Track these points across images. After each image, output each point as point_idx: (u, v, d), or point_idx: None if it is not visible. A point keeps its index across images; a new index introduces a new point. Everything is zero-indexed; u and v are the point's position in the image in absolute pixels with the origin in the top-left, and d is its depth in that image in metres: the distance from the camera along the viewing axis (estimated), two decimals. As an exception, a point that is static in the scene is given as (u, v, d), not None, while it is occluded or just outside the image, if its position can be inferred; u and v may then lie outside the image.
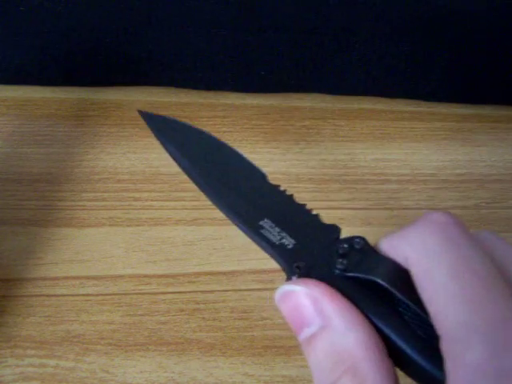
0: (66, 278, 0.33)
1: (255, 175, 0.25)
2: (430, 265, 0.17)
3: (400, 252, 0.19)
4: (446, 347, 0.16)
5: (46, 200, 0.37)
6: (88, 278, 0.34)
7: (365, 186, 0.40)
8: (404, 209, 0.39)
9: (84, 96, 0.43)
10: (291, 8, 0.38)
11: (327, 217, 0.24)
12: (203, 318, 0.32)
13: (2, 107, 0.42)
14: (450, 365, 0.16)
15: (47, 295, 0.33)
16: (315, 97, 0.45)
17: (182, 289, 0.34)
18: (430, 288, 0.17)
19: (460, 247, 0.17)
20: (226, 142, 0.27)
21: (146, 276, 0.34)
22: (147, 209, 0.37)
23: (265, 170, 0.41)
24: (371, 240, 0.21)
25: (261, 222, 0.23)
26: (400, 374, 0.18)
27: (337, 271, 0.19)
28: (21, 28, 0.39)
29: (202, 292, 0.34)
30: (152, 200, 0.37)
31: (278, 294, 0.18)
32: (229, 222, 0.37)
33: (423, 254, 0.17)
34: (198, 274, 0.34)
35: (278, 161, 0.41)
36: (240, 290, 0.34)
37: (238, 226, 0.23)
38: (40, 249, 0.35)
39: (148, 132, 0.43)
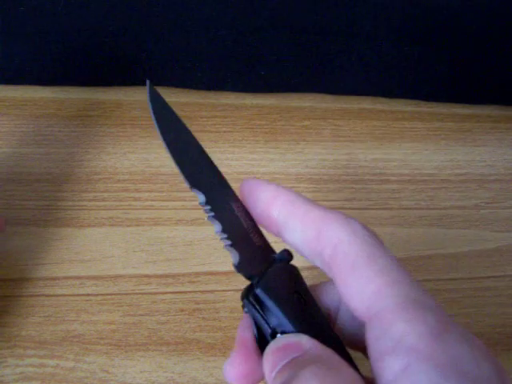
0: (66, 277, 0.33)
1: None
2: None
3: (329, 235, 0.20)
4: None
5: (46, 200, 0.37)
6: (88, 277, 0.34)
7: (365, 185, 0.40)
8: (404, 209, 0.39)
9: (84, 96, 0.43)
10: (291, 8, 0.38)
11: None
12: (203, 317, 0.32)
13: (1, 107, 0.42)
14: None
15: (47, 295, 0.33)
16: (315, 97, 0.45)
17: (182, 289, 0.34)
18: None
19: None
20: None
21: (146, 276, 0.34)
22: (147, 209, 0.37)
23: (265, 169, 0.41)
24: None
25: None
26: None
27: None
28: (21, 28, 0.39)
29: (201, 292, 0.33)
30: (152, 200, 0.37)
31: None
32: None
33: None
34: (197, 274, 0.34)
35: (277, 161, 0.41)
36: (240, 290, 0.34)
37: None
38: (40, 249, 0.35)
39: (148, 132, 0.43)
